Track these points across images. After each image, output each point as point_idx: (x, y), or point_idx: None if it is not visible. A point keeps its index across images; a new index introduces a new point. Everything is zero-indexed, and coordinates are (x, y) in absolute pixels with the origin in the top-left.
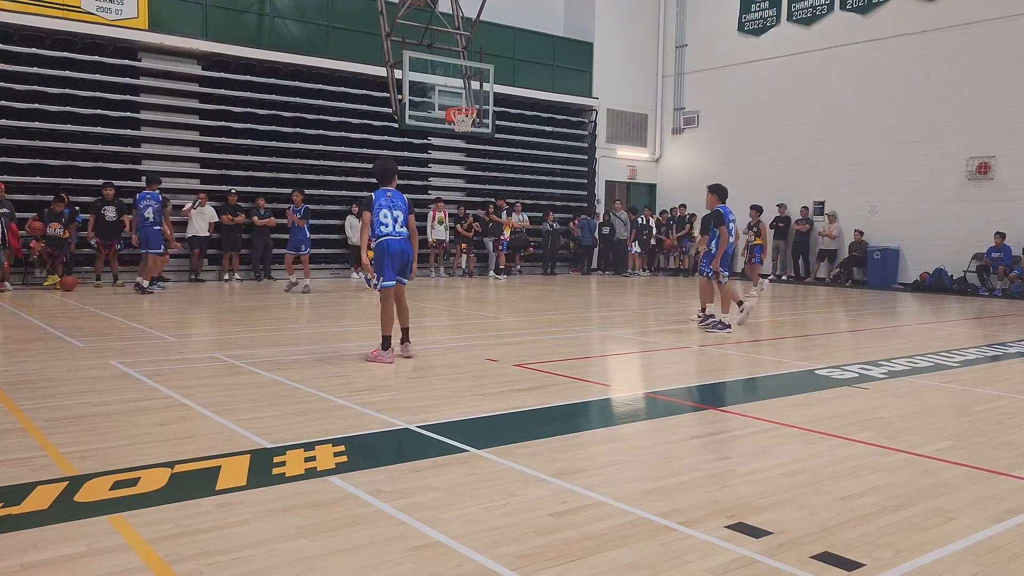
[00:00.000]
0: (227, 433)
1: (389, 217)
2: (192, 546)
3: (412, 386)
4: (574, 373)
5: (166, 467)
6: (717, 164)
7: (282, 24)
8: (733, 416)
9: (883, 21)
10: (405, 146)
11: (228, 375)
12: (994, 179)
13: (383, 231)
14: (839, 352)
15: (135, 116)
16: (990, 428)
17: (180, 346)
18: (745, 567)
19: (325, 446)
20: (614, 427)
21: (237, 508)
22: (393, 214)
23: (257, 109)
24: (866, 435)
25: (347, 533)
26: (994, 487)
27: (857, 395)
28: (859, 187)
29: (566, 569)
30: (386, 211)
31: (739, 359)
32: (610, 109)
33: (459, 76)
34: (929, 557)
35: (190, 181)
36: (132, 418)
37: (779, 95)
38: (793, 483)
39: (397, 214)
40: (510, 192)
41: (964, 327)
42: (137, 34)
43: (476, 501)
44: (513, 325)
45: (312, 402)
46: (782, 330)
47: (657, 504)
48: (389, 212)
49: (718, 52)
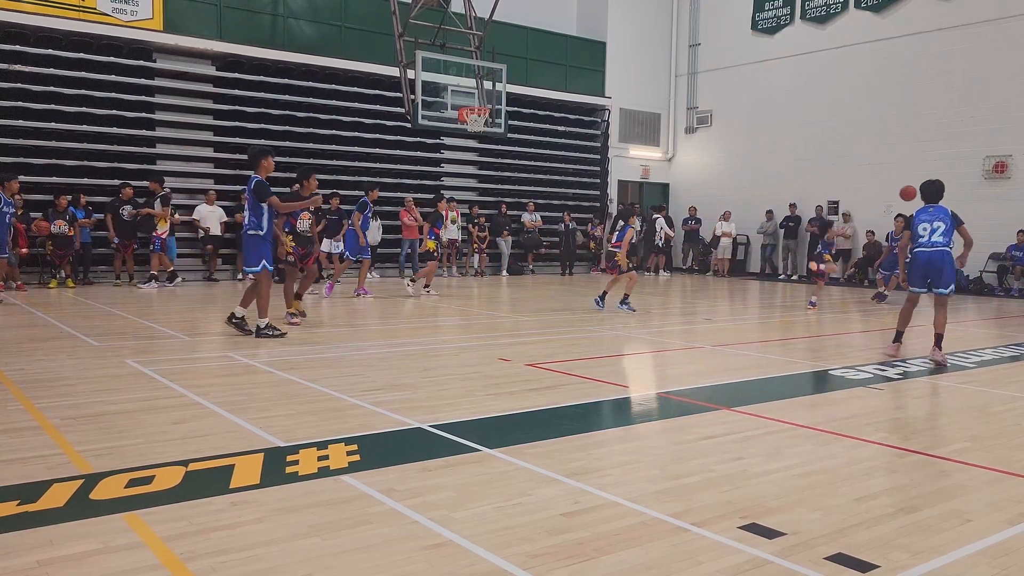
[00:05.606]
0: (241, 432)
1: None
2: (206, 544)
3: (424, 385)
4: (587, 373)
5: (180, 465)
6: (730, 164)
7: (295, 24)
8: (746, 416)
9: (898, 19)
10: (418, 146)
11: (242, 374)
12: (1011, 178)
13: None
14: (853, 352)
15: (150, 117)
16: (1007, 429)
17: (194, 345)
18: (758, 568)
19: (338, 445)
20: (627, 427)
21: (250, 506)
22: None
23: (271, 109)
24: (881, 436)
25: (359, 532)
26: (1011, 489)
27: (872, 396)
28: (874, 186)
29: (578, 569)
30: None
31: (752, 359)
32: (623, 108)
33: (472, 76)
34: (944, 559)
35: (204, 181)
36: (147, 416)
37: (793, 94)
38: (807, 484)
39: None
40: (523, 192)
41: (981, 327)
42: (152, 35)
43: (488, 501)
44: (526, 325)
45: (325, 401)
46: (794, 330)
47: (670, 504)
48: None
49: (731, 51)
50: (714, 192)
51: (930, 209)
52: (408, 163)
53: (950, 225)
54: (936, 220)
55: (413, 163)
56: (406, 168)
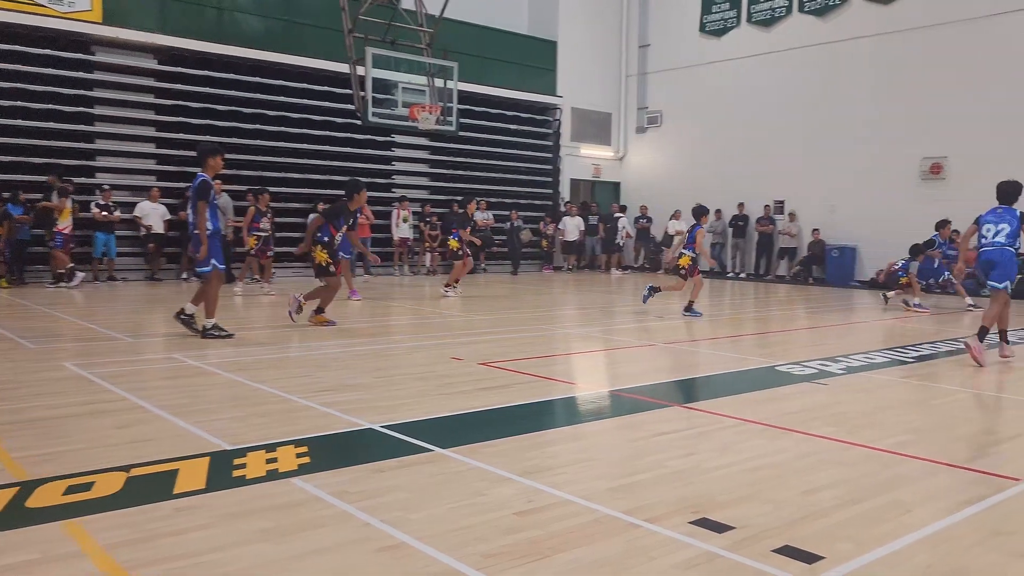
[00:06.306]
0: (186, 435)
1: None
2: (150, 552)
3: (377, 385)
4: (540, 371)
5: (122, 471)
6: (680, 163)
7: (242, 18)
8: (698, 413)
9: (840, 23)
10: (368, 143)
11: (187, 376)
12: (946, 179)
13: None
14: (799, 348)
15: (89, 111)
16: (945, 422)
17: (137, 347)
18: (709, 562)
19: (287, 447)
20: (580, 425)
21: (197, 512)
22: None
23: (216, 105)
24: (828, 430)
25: (311, 536)
26: (950, 479)
27: (818, 391)
28: (818, 186)
29: (532, 568)
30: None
31: (703, 356)
32: (574, 108)
33: (423, 73)
34: (887, 548)
35: (146, 178)
36: (87, 421)
37: (740, 95)
38: (757, 478)
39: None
40: (475, 191)
41: (920, 323)
42: (90, 27)
43: (442, 501)
44: (479, 324)
45: (274, 403)
46: (744, 327)
47: (623, 501)
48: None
49: (680, 52)
50: (664, 191)
51: (999, 210)
52: (359, 161)
53: (1016, 227)
54: (1002, 222)
55: (364, 161)
56: (356, 166)
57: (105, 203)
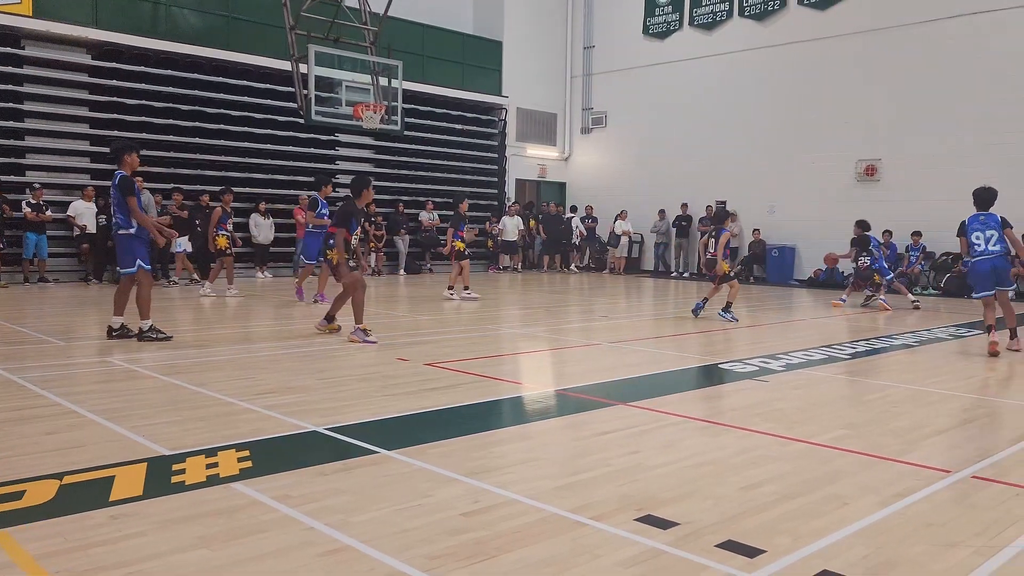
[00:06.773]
0: (122, 441)
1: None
2: (83, 561)
3: (320, 387)
4: (486, 371)
5: (54, 479)
6: (625, 164)
7: (179, 13)
8: (642, 411)
9: (779, 28)
10: (312, 142)
11: (122, 380)
12: (880, 180)
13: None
14: (741, 347)
15: (19, 107)
16: (879, 417)
17: (69, 350)
18: (653, 559)
19: (228, 452)
20: (526, 425)
21: (133, 519)
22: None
23: (153, 102)
24: (767, 426)
25: (252, 541)
26: (883, 472)
27: (758, 388)
28: (758, 187)
29: (479, 569)
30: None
31: (647, 355)
32: (520, 108)
33: (367, 72)
34: (825, 541)
35: (80, 176)
36: (15, 428)
37: (683, 98)
38: (699, 475)
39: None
40: (420, 191)
41: (855, 321)
42: (20, 20)
43: (387, 503)
44: (425, 324)
45: (214, 406)
46: (687, 326)
47: (568, 500)
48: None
49: (624, 54)
50: (610, 191)
51: (981, 217)
52: (302, 160)
53: (1000, 233)
54: (989, 228)
55: (307, 160)
56: (300, 165)
57: (36, 202)
